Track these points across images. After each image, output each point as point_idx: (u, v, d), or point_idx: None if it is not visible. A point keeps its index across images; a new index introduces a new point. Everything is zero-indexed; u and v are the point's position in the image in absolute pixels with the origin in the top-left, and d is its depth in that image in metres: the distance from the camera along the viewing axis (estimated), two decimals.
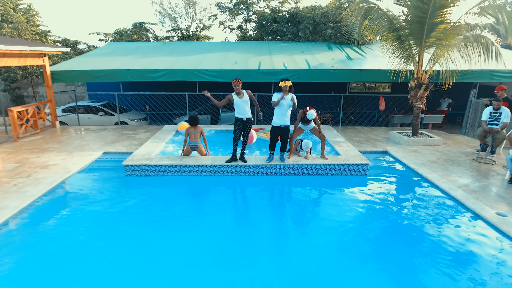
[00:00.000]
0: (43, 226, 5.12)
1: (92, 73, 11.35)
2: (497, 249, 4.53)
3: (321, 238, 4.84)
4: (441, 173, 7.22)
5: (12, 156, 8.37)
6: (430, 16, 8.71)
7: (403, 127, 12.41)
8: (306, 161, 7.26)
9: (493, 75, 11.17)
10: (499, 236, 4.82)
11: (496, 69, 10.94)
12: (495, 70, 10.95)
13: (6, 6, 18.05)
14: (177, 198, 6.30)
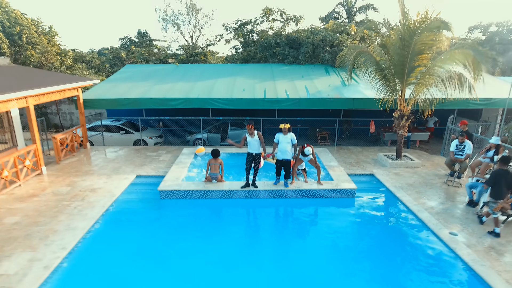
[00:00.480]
0: (109, 241, 6.89)
1: (119, 101, 13.10)
2: (440, 259, 6.31)
3: (315, 243, 6.83)
4: (414, 196, 8.99)
5: (60, 179, 10.14)
6: (409, 60, 10.47)
7: (391, 147, 14.16)
8: (305, 186, 9.03)
9: (469, 103, 12.91)
10: (446, 250, 6.59)
11: (471, 98, 12.66)
12: (470, 99, 12.67)
13: (31, 29, 19.79)
14: (203, 217, 8.09)
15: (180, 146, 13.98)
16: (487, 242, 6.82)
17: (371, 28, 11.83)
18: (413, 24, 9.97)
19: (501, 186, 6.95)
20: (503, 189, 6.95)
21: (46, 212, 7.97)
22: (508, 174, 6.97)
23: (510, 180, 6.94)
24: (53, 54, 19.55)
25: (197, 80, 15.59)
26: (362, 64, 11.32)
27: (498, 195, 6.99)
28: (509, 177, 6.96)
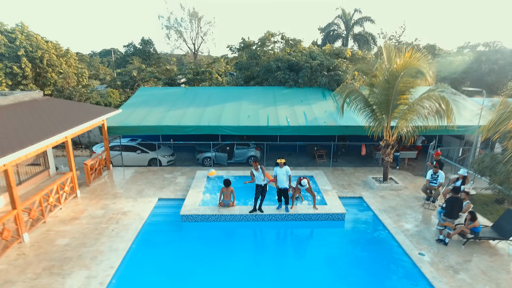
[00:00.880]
0: (144, 259, 8.66)
1: (138, 128, 14.86)
2: (408, 276, 8.09)
3: (310, 256, 8.69)
4: (394, 219, 10.77)
5: (94, 202, 11.92)
6: (393, 99, 12.23)
7: (381, 168, 15.89)
8: (303, 210, 10.80)
9: (448, 130, 14.65)
10: (414, 268, 8.37)
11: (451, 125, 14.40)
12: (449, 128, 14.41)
13: (51, 53, 21.53)
14: (218, 237, 9.86)
15: (192, 168, 15.75)
16: (447, 262, 8.60)
17: (361, 70, 13.50)
18: (396, 69, 11.73)
19: (453, 209, 8.97)
20: (454, 211, 8.96)
21: (89, 235, 9.74)
22: (458, 200, 9.04)
23: (460, 204, 9.14)
24: (73, 77, 21.28)
25: (206, 105, 17.34)
26: (352, 101, 13.07)
27: (451, 215, 9.12)
28: (459, 203, 9.12)
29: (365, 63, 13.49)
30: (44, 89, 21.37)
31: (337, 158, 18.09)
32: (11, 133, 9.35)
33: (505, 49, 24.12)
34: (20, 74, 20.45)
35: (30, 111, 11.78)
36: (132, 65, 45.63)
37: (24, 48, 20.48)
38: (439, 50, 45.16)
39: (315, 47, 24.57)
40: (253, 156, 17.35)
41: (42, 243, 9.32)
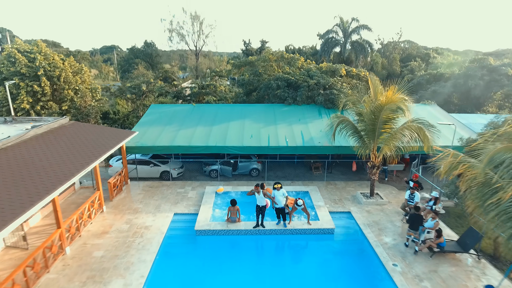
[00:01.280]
0: (167, 268, 10.66)
1: (153, 148, 16.82)
2: (381, 284, 10.09)
3: (303, 263, 10.66)
4: (376, 233, 12.77)
5: (118, 217, 13.91)
6: (378, 128, 14.16)
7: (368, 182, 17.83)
8: (298, 226, 12.80)
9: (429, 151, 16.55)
10: (387, 277, 10.38)
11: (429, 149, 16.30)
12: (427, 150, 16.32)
13: (67, 71, 23.40)
14: (226, 248, 11.87)
15: (201, 182, 17.72)
16: (415, 271, 10.61)
17: (351, 101, 15.38)
18: (380, 104, 13.65)
19: (414, 223, 11.44)
20: (415, 224, 11.40)
21: (120, 247, 11.74)
22: (417, 216, 11.48)
23: (420, 219, 11.49)
24: (88, 94, 23.15)
25: (213, 124, 19.27)
26: (343, 128, 14.98)
27: (413, 227, 11.50)
28: (418, 218, 11.47)
29: (355, 95, 15.31)
30: (61, 104, 23.24)
31: (331, 169, 20.07)
32: (54, 165, 11.31)
33: (490, 66, 25.91)
34: (40, 92, 22.34)
35: (62, 139, 13.72)
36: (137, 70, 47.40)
37: (43, 68, 22.33)
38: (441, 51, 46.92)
39: (313, 64, 26.42)
40: (255, 169, 19.35)
41: (81, 255, 11.32)
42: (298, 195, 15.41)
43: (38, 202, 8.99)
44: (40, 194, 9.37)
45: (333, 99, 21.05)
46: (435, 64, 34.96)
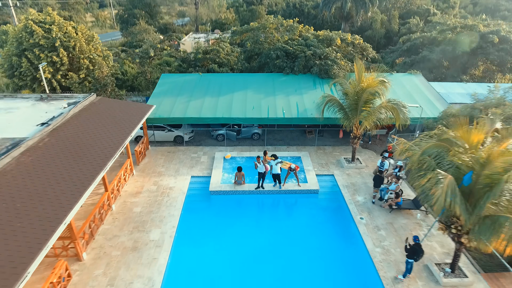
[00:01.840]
0: (189, 219, 14.43)
1: (169, 119, 19.77)
2: (349, 232, 13.89)
3: (292, 215, 14.40)
4: (351, 192, 16.37)
5: (146, 179, 17.42)
6: (359, 106, 16.97)
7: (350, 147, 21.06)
8: (290, 187, 16.35)
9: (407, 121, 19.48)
10: (354, 227, 14.14)
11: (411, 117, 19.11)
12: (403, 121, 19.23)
13: (81, 41, 25.27)
14: (233, 204, 15.58)
15: (211, 147, 20.97)
16: (376, 223, 14.35)
17: (339, 82, 17.85)
18: (362, 87, 16.31)
19: (376, 182, 15.11)
20: (377, 183, 15.17)
21: (152, 205, 15.40)
22: (380, 178, 15.27)
23: (381, 180, 15.17)
24: (104, 65, 25.29)
25: (219, 95, 21.92)
26: (331, 105, 17.75)
27: (376, 186, 15.24)
28: (380, 179, 15.19)
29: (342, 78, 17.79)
30: (79, 73, 25.55)
31: (323, 133, 23.20)
32: (98, 142, 14.42)
33: (479, 32, 27.43)
34: (59, 62, 24.55)
35: (96, 117, 16.64)
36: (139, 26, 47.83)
37: (59, 39, 24.25)
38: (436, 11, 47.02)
39: (311, 31, 27.99)
40: (256, 133, 22.51)
41: (124, 211, 15.03)
42: (291, 160, 18.77)
43: (98, 175, 12.30)
44: (96, 169, 12.64)
45: (327, 70, 23.36)
46: (433, 23, 35.84)
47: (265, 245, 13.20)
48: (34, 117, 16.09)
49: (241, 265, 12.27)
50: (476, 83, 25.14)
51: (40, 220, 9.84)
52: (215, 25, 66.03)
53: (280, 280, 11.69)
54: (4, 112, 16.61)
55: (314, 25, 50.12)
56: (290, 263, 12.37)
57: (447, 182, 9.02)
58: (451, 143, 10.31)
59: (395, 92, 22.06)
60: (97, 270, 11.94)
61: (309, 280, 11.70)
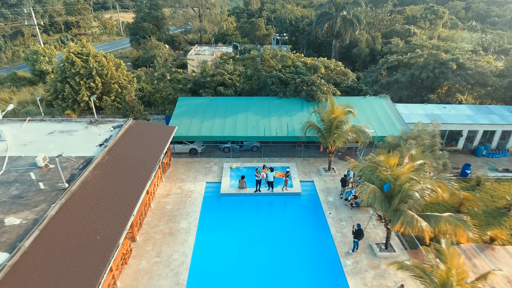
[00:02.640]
0: (207, 214, 20.65)
1: (188, 137, 25.96)
2: (320, 224, 20.11)
3: (279, 211, 20.60)
4: (325, 195, 22.58)
5: (173, 184, 23.63)
6: (332, 129, 23.11)
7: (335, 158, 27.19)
8: (279, 191, 22.57)
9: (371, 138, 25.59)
10: (324, 220, 20.37)
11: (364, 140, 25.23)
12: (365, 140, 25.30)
13: (111, 69, 31.39)
14: (237, 203, 21.81)
15: (220, 159, 27.14)
16: (340, 217, 20.57)
17: (317, 112, 23.97)
18: (333, 117, 22.47)
19: (342, 184, 21.03)
20: (343, 184, 21.06)
21: (179, 204, 21.61)
22: (344, 180, 21.34)
23: (345, 182, 21.15)
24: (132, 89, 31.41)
25: (225, 116, 28.06)
26: (311, 128, 23.87)
27: (342, 186, 21.08)
28: (345, 181, 21.24)
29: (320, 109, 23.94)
30: (109, 95, 31.69)
31: (309, 145, 29.34)
32: (141, 158, 20.56)
33: (441, 59, 33.33)
34: (94, 87, 30.69)
35: (136, 137, 22.77)
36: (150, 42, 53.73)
37: (95, 69, 30.39)
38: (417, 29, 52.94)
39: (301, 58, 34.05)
40: (255, 146, 28.68)
41: (159, 208, 21.24)
42: (282, 169, 24.88)
43: (147, 183, 18.47)
44: (145, 178, 18.79)
45: (313, 95, 29.49)
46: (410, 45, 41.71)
47: (261, 231, 19.42)
48: (91, 138, 22.27)
49: (243, 244, 18.48)
50: (434, 104, 31.28)
51: (118, 214, 16.01)
52: (218, 36, 72.07)
53: (272, 252, 17.90)
54: (67, 135, 22.79)
55: (308, 40, 56.38)
56: (279, 242, 18.57)
57: (369, 190, 15.21)
58: (378, 164, 16.48)
59: (366, 113, 28.34)
60: (147, 247, 18.16)
61: (291, 252, 17.91)
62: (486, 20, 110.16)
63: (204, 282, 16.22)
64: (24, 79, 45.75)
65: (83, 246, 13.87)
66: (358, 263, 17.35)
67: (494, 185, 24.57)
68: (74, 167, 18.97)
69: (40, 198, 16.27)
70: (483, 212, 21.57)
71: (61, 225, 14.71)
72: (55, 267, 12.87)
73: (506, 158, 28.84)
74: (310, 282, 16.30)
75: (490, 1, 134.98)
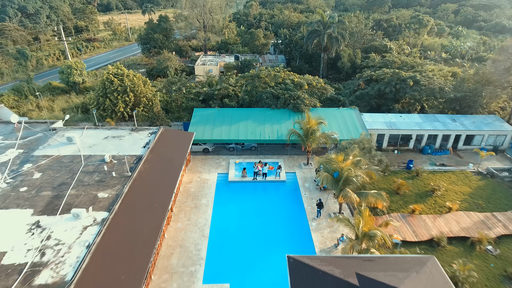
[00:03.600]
0: (220, 195, 30.56)
1: (203, 140, 35.80)
2: (296, 200, 30.02)
3: (269, 194, 30.59)
4: (303, 181, 32.46)
5: (193, 175, 33.52)
6: (308, 135, 32.91)
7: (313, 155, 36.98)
8: (271, 179, 32.46)
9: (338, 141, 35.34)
10: (299, 199, 30.28)
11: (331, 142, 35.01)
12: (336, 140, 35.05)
13: (141, 86, 41.07)
14: (240, 187, 31.73)
15: (226, 156, 36.97)
16: (311, 196, 30.45)
17: (297, 124, 33.68)
18: (309, 125, 32.28)
19: (316, 172, 30.76)
20: (316, 172, 30.76)
21: (199, 188, 31.52)
22: (318, 170, 30.72)
23: (317, 171, 30.74)
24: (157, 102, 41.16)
25: (231, 124, 37.84)
26: (293, 134, 33.65)
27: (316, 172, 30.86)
28: (317, 171, 30.74)
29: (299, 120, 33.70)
30: (139, 106, 41.42)
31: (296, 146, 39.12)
32: (174, 157, 30.36)
33: (402, 77, 42.78)
34: (128, 101, 40.45)
35: (167, 142, 32.54)
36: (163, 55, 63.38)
37: (129, 86, 40.14)
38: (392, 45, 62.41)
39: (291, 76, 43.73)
40: (253, 146, 38.52)
41: (186, 191, 31.14)
42: (273, 164, 34.77)
43: (180, 173, 28.28)
44: (177, 170, 28.59)
45: (298, 107, 39.21)
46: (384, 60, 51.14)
47: (257, 206, 29.33)
48: (136, 142, 32.06)
49: (244, 214, 28.39)
50: (392, 114, 41.06)
51: (165, 192, 25.86)
52: (221, 45, 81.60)
53: (264, 218, 27.81)
54: (118, 139, 32.58)
55: (301, 52, 66.00)
56: (269, 212, 28.48)
57: (323, 176, 25.08)
58: (331, 160, 26.29)
59: (337, 121, 38.16)
60: (180, 215, 28.07)
61: (277, 218, 27.81)
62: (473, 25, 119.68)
63: (219, 235, 26.09)
64: (58, 89, 55.57)
65: (148, 209, 23.78)
66: (320, 224, 27.27)
67: (429, 175, 34.39)
68: (130, 162, 28.79)
69: (115, 181, 26.11)
70: (415, 194, 31.42)
71: (132, 197, 24.57)
72: (133, 220, 22.78)
73: (446, 156, 38.66)
74: (289, 236, 26.18)
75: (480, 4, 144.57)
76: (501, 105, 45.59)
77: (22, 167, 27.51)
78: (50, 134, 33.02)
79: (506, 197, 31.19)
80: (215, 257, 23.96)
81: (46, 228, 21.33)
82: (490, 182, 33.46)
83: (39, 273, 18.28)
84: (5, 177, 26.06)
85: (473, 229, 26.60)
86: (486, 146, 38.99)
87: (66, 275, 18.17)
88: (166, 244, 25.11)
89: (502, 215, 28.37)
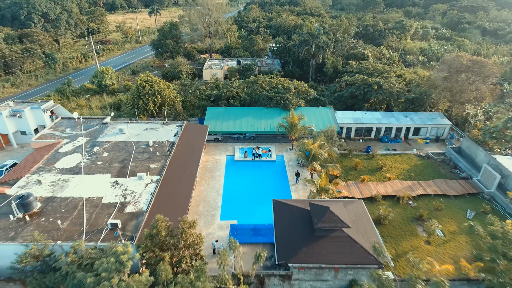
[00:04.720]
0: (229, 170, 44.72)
1: (215, 131, 49.92)
2: (283, 176, 44.23)
3: (264, 169, 44.95)
4: (287, 161, 46.57)
5: (208, 156, 47.65)
6: (292, 128, 47.01)
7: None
8: (266, 159, 46.66)
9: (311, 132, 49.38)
10: (285, 172, 44.47)
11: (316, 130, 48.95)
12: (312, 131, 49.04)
13: (165, 89, 54.94)
14: (244, 165, 45.93)
15: (232, 143, 51.09)
16: (293, 170, 44.63)
17: (285, 120, 47.56)
18: (292, 121, 46.41)
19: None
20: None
21: (214, 165, 45.65)
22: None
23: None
24: (178, 102, 55.10)
25: (235, 119, 51.88)
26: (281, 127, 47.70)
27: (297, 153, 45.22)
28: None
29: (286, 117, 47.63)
30: (165, 105, 55.38)
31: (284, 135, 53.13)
32: (197, 145, 44.47)
33: (368, 82, 56.52)
34: (156, 101, 54.43)
35: (190, 134, 46.61)
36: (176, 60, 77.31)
37: (157, 90, 54.11)
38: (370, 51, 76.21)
39: (282, 82, 57.62)
40: (253, 136, 52.67)
41: (204, 167, 45.29)
42: (266, 148, 48.95)
43: (201, 154, 42.40)
44: (199, 152, 42.69)
45: (286, 106, 53.19)
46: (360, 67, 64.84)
47: (255, 177, 43.45)
48: (168, 132, 46.11)
49: (246, 181, 42.54)
50: (359, 112, 55.02)
51: (192, 165, 40.05)
52: (224, 49, 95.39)
53: (259, 185, 41.96)
54: (154, 130, 46.67)
55: (293, 58, 79.85)
56: (263, 181, 42.61)
57: (298, 154, 39.27)
58: (304, 143, 40.39)
59: (316, 117, 52.22)
60: (202, 182, 42.24)
61: (269, 185, 41.97)
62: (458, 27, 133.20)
63: (229, 194, 40.27)
64: (91, 90, 69.61)
65: (183, 176, 38.02)
66: (297, 187, 41.43)
67: (381, 157, 48.49)
68: (167, 146, 42.90)
69: (159, 158, 40.23)
70: (368, 170, 45.55)
71: (172, 168, 38.73)
72: (175, 181, 37.03)
73: (399, 144, 52.72)
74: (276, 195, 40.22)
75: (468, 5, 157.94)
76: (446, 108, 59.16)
77: (93, 149, 41.69)
78: (104, 127, 47.19)
79: (433, 172, 45.31)
80: (227, 206, 38.14)
81: (122, 184, 35.47)
82: (426, 162, 47.59)
83: (126, 207, 32.42)
84: (85, 154, 40.27)
85: (401, 191, 40.72)
86: (430, 136, 53.04)
87: (142, 207, 32.28)
88: (194, 200, 39.29)
89: (424, 183, 42.47)
